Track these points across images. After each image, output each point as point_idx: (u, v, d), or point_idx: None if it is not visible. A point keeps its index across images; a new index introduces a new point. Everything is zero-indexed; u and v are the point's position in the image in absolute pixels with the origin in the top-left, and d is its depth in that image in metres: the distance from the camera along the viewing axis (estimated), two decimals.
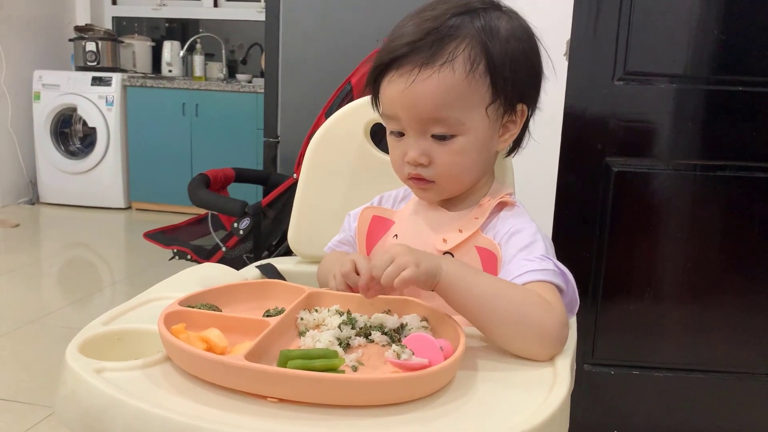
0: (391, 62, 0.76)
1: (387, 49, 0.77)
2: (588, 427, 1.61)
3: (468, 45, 0.75)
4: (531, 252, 0.76)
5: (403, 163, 0.80)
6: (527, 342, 0.68)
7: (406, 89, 0.75)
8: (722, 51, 1.44)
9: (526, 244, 0.77)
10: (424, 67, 0.74)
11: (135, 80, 4.29)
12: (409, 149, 0.79)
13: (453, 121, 0.76)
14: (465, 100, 0.75)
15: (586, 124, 1.48)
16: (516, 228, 0.79)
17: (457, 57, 0.74)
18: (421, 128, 0.77)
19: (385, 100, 0.79)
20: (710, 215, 1.51)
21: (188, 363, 0.61)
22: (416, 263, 0.67)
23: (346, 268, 0.76)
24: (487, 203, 0.82)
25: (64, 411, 0.60)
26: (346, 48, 2.33)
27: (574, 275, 0.78)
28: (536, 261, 0.74)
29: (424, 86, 0.74)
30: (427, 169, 0.79)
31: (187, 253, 2.02)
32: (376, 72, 0.79)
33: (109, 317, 0.74)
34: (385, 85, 0.78)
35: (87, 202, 4.37)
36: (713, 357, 1.56)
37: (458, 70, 0.74)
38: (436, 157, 0.78)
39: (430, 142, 0.78)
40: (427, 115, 0.76)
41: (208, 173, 2.11)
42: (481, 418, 0.57)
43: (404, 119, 0.78)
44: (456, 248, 0.80)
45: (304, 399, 0.56)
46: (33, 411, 1.72)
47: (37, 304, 2.62)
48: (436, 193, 0.82)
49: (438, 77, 0.74)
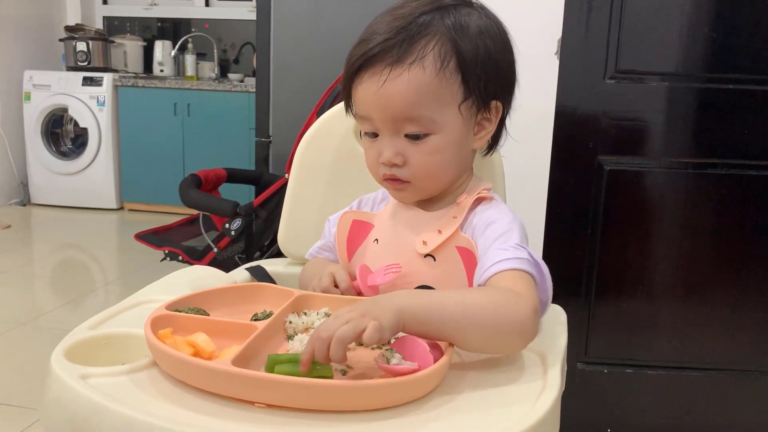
0: (363, 63, 0.76)
1: (358, 49, 0.77)
2: (581, 425, 1.61)
3: (438, 42, 0.74)
4: (506, 241, 0.74)
5: (378, 164, 0.79)
6: (504, 342, 0.66)
7: (377, 90, 0.74)
8: (714, 49, 1.44)
9: (500, 233, 0.76)
10: (394, 66, 0.74)
11: (126, 80, 4.27)
12: (383, 150, 0.78)
13: (426, 119, 0.75)
14: (437, 98, 0.75)
15: (578, 122, 1.48)
16: (492, 219, 0.79)
17: (427, 55, 0.74)
18: (395, 128, 0.77)
19: (358, 102, 0.79)
20: (702, 213, 1.51)
21: (175, 368, 0.60)
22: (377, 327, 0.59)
23: (324, 283, 0.75)
24: (464, 201, 0.81)
25: (50, 417, 0.60)
26: (337, 47, 2.30)
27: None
28: (510, 250, 0.72)
29: (395, 85, 0.74)
30: (402, 170, 0.78)
31: (179, 254, 2.01)
32: (349, 74, 0.78)
33: (95, 321, 0.73)
34: (357, 86, 0.78)
35: (79, 203, 4.35)
36: (706, 354, 1.56)
37: (428, 68, 0.74)
38: (410, 157, 0.77)
39: (404, 142, 0.77)
40: (400, 114, 0.75)
41: (200, 173, 2.10)
42: (470, 422, 0.56)
43: (377, 120, 0.77)
44: (437, 250, 0.80)
45: (292, 404, 0.56)
46: (25, 414, 1.71)
47: (29, 306, 2.61)
48: (412, 193, 0.81)
49: (408, 76, 0.73)
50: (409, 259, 0.81)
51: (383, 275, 0.79)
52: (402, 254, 0.82)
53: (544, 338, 0.74)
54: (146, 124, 4.26)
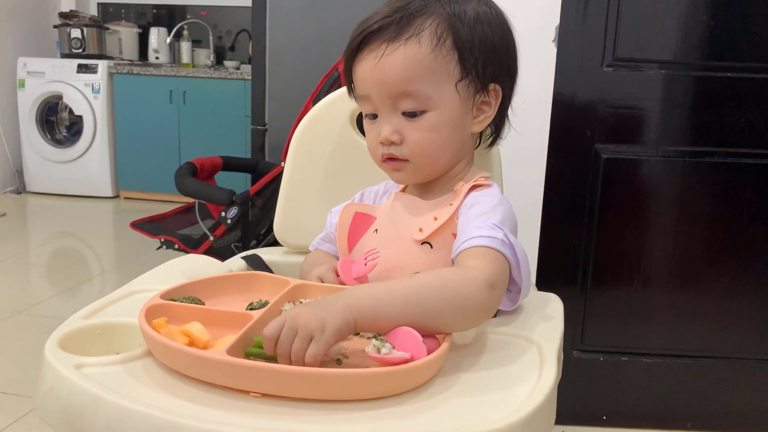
0: (362, 41, 0.77)
1: (358, 28, 0.79)
2: (577, 412, 1.62)
3: (435, 20, 0.76)
4: (485, 221, 0.74)
5: (377, 144, 0.80)
6: (460, 318, 0.65)
7: (374, 66, 0.76)
8: (711, 37, 1.43)
9: (481, 213, 0.75)
10: (391, 42, 0.75)
11: (121, 67, 4.24)
12: (381, 128, 0.79)
13: (421, 95, 0.76)
14: (432, 73, 0.76)
15: (575, 110, 1.47)
16: (478, 200, 0.79)
17: (424, 31, 0.75)
18: (392, 104, 0.78)
19: (357, 81, 0.80)
20: (699, 201, 1.51)
21: (169, 358, 0.60)
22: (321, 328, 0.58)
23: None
24: (460, 188, 0.81)
25: (44, 407, 0.59)
26: (333, 34, 2.29)
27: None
28: (485, 228, 0.72)
29: (391, 60, 0.75)
30: (400, 148, 0.79)
31: (175, 243, 2.01)
32: (349, 54, 0.80)
33: (90, 311, 0.73)
34: (356, 65, 0.79)
35: (74, 191, 4.33)
36: (702, 342, 1.57)
37: (424, 44, 0.75)
38: (407, 134, 0.78)
39: (401, 120, 0.78)
40: (396, 89, 0.76)
41: (195, 161, 2.09)
42: (466, 411, 0.56)
43: (375, 97, 0.78)
44: (432, 236, 0.79)
45: (287, 394, 0.56)
46: (21, 402, 1.71)
47: (25, 295, 2.60)
48: (410, 173, 0.81)
49: (404, 50, 0.75)
50: (406, 247, 0.81)
51: (363, 265, 0.80)
52: (399, 242, 0.81)
53: (540, 327, 0.74)
54: (142, 112, 4.23)
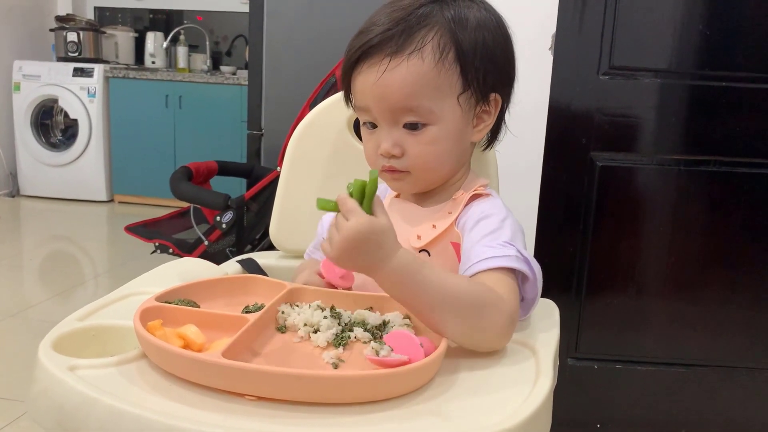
0: (362, 54, 0.76)
1: (358, 40, 0.77)
2: (571, 420, 1.61)
3: (437, 33, 0.75)
4: (495, 239, 0.74)
5: (377, 155, 0.79)
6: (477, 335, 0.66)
7: (376, 80, 0.74)
8: (707, 46, 1.44)
9: (490, 230, 0.75)
10: (393, 56, 0.74)
11: (117, 71, 4.24)
12: (381, 141, 0.78)
13: (424, 110, 0.75)
14: (435, 88, 0.75)
15: (571, 118, 1.48)
16: (484, 214, 0.78)
17: (426, 45, 0.74)
18: (393, 118, 0.77)
19: (356, 92, 0.79)
20: (694, 210, 1.51)
21: (164, 360, 0.59)
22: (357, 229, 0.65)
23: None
24: (460, 197, 0.81)
25: (37, 409, 0.59)
26: (330, 40, 2.30)
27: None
28: (497, 247, 0.72)
29: (394, 75, 0.74)
30: (400, 161, 0.78)
31: (169, 247, 2.00)
32: (348, 65, 0.78)
33: (84, 313, 0.73)
34: (356, 77, 0.78)
35: (69, 195, 4.32)
36: (695, 351, 1.57)
37: (427, 59, 0.74)
38: (408, 147, 0.77)
39: (402, 133, 0.77)
40: (398, 104, 0.75)
41: (191, 166, 2.08)
42: (462, 416, 0.56)
43: (375, 110, 0.77)
44: (431, 244, 0.79)
45: (283, 396, 0.55)
46: (13, 406, 1.70)
47: (18, 298, 2.59)
48: (410, 183, 0.81)
49: (407, 66, 0.73)
50: None
51: None
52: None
53: (536, 333, 0.74)
54: (137, 116, 4.23)
